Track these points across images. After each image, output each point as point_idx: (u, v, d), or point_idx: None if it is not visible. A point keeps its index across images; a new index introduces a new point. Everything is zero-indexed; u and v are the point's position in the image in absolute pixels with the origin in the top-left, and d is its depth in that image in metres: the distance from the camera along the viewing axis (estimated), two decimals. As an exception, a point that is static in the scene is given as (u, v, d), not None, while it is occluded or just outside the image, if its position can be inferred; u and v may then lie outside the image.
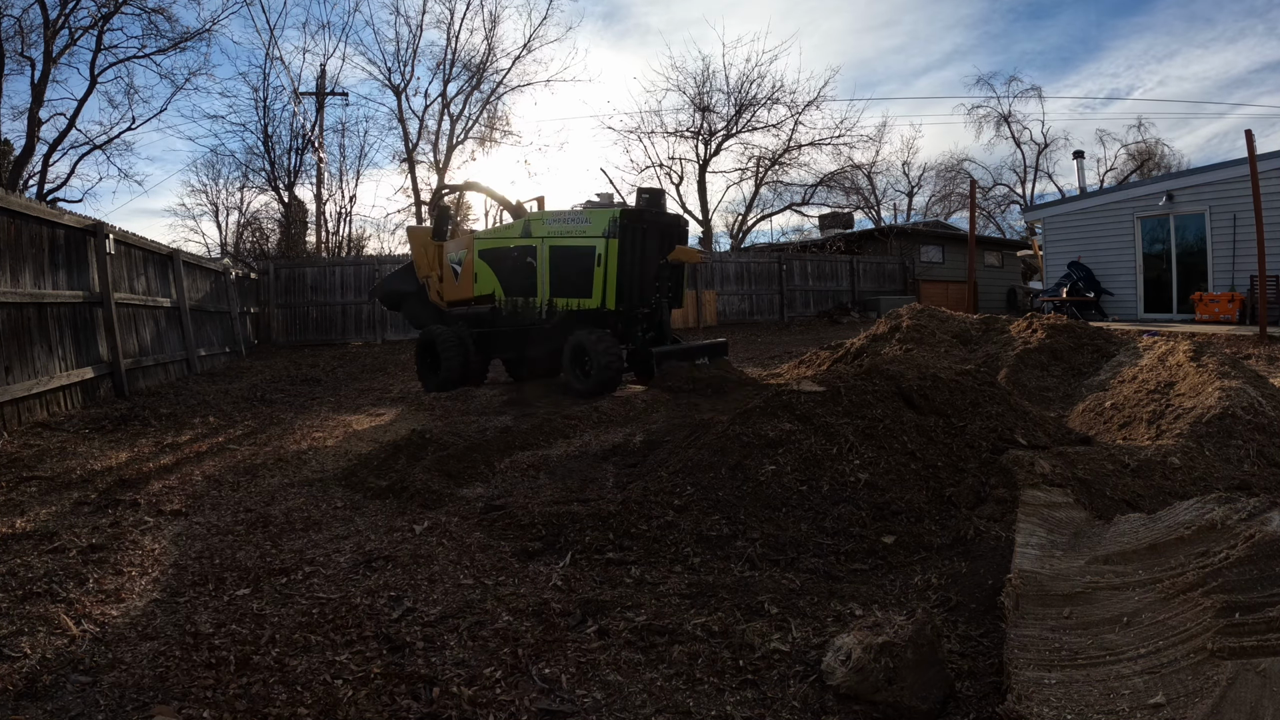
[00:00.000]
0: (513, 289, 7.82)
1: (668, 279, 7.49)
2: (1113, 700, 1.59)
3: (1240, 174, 12.33)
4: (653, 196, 7.44)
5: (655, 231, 7.22)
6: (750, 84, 26.45)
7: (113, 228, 7.61)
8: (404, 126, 24.32)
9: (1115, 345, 6.52)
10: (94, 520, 3.43)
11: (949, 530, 2.88)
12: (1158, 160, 33.51)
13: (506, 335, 8.02)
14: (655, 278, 7.30)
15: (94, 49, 20.03)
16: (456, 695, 1.88)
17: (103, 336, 7.17)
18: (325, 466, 4.60)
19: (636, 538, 2.91)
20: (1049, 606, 1.99)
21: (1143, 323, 13.65)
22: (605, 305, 7.04)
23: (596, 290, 7.05)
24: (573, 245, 7.30)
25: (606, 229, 7.00)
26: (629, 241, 7.00)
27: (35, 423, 5.68)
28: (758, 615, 2.29)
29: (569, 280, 7.35)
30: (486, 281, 8.01)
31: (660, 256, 7.23)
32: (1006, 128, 34.33)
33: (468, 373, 7.87)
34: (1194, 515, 2.16)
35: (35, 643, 2.17)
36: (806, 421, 3.47)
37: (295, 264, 16.99)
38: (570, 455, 4.57)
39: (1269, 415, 3.87)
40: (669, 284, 7.55)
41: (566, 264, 7.36)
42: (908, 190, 36.58)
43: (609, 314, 7.25)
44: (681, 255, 7.41)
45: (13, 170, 18.53)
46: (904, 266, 22.51)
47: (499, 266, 7.95)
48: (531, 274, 7.58)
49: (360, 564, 2.83)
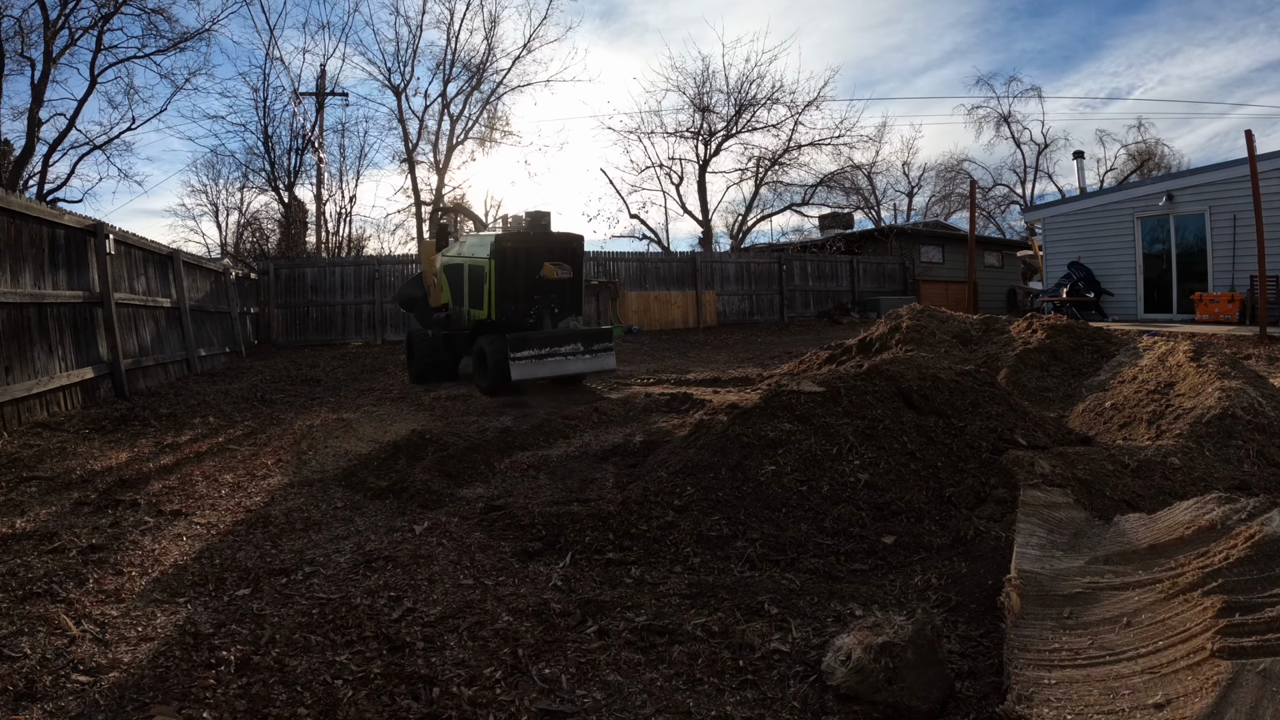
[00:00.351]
0: (454, 299, 8.94)
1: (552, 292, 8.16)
2: (1113, 700, 1.59)
3: (1240, 174, 12.33)
4: (533, 219, 8.37)
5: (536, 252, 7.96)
6: (750, 84, 26.45)
7: (113, 228, 7.61)
8: (404, 127, 24.32)
9: (1115, 345, 6.52)
10: (94, 520, 3.43)
11: (949, 530, 2.89)
12: (1158, 160, 33.53)
13: (457, 339, 9.05)
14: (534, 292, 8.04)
15: (94, 49, 20.03)
16: (456, 695, 1.88)
17: (103, 337, 7.17)
18: (325, 466, 4.60)
19: (636, 538, 2.92)
20: (1049, 606, 1.99)
21: (1143, 323, 13.65)
22: (491, 316, 7.91)
23: (486, 303, 7.92)
24: (475, 264, 8.24)
25: (490, 251, 7.87)
26: (506, 261, 7.84)
27: (35, 423, 5.68)
28: (758, 615, 2.29)
29: (474, 294, 8.33)
30: (445, 292, 9.18)
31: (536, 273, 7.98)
32: (1006, 128, 34.36)
33: (436, 368, 9.11)
34: (1194, 515, 2.16)
35: (35, 643, 2.17)
36: (806, 422, 3.47)
37: (295, 264, 16.99)
38: (570, 455, 4.57)
39: (1269, 415, 3.87)
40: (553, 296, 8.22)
41: (473, 280, 8.35)
42: (908, 190, 36.59)
43: (498, 323, 8.06)
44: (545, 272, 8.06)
45: (13, 170, 18.53)
46: (904, 267, 22.51)
47: (450, 279, 9.07)
48: (460, 287, 8.67)
49: (360, 564, 2.83)
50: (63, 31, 19.20)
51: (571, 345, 7.61)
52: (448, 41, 25.23)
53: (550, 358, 7.40)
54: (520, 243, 8.02)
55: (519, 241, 8.02)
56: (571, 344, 7.62)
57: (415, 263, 17.21)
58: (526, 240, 8.07)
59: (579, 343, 7.68)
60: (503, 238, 7.96)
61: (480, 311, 8.09)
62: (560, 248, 8.24)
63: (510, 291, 7.91)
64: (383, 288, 16.36)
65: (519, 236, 8.14)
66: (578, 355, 7.58)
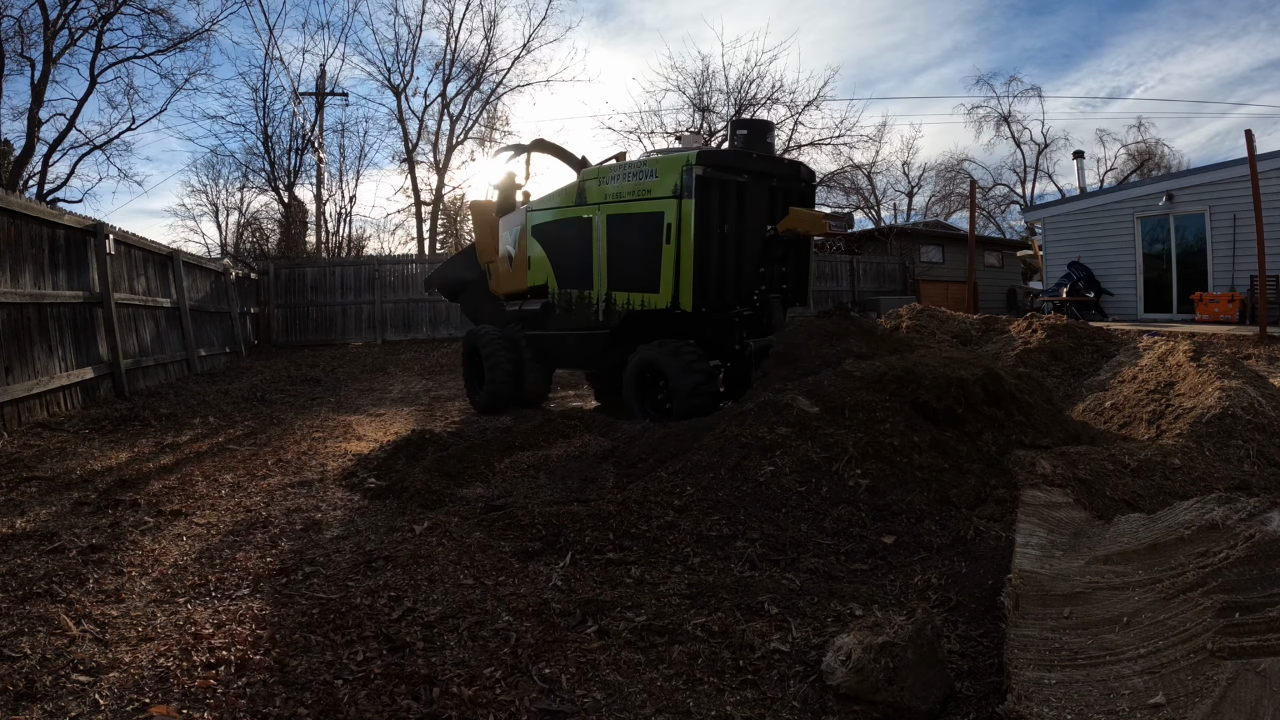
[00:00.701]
0: (568, 278, 5.72)
1: (779, 261, 5.15)
2: (1113, 700, 1.59)
3: (1240, 174, 12.33)
4: (752, 131, 5.24)
5: (759, 188, 4.97)
6: (750, 84, 26.34)
7: (113, 228, 7.61)
8: (404, 127, 24.33)
9: (1115, 345, 6.52)
10: (94, 520, 3.43)
11: (949, 530, 2.89)
12: (1158, 160, 33.51)
13: (566, 341, 5.89)
14: (761, 260, 5.08)
15: (94, 49, 20.03)
16: (456, 695, 1.88)
17: (103, 337, 7.17)
18: (325, 466, 4.60)
19: (636, 538, 2.91)
20: (1049, 606, 1.99)
21: (1143, 323, 13.65)
22: (678, 304, 4.84)
23: (666, 280, 4.85)
24: (634, 212, 5.06)
25: (677, 185, 4.73)
26: (714, 204, 4.78)
27: (35, 423, 5.68)
28: (758, 615, 2.29)
29: (630, 265, 5.16)
30: (540, 268, 5.95)
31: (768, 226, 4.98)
32: (1006, 128, 34.32)
33: (520, 387, 6.11)
34: (1194, 515, 2.16)
35: (35, 643, 2.17)
36: (803, 426, 3.46)
37: (295, 264, 16.99)
38: (570, 455, 4.57)
39: (1269, 415, 3.87)
40: (781, 269, 5.18)
41: (628, 241, 5.18)
42: (908, 190, 36.57)
43: (688, 317, 5.01)
44: (797, 223, 4.89)
45: (13, 170, 18.52)
46: (904, 266, 22.50)
47: (553, 247, 5.88)
48: (588, 256, 5.47)
49: (360, 564, 2.83)
50: (63, 31, 19.21)
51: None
52: (447, 41, 25.24)
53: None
54: (738, 171, 4.86)
55: (738, 169, 4.86)
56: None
57: (415, 263, 17.21)
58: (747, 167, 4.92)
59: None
60: (710, 157, 4.78)
61: (656, 296, 4.95)
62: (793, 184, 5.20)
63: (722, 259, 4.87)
64: (383, 288, 16.35)
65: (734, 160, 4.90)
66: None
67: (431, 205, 25.02)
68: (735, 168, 4.95)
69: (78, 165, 21.86)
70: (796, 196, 5.37)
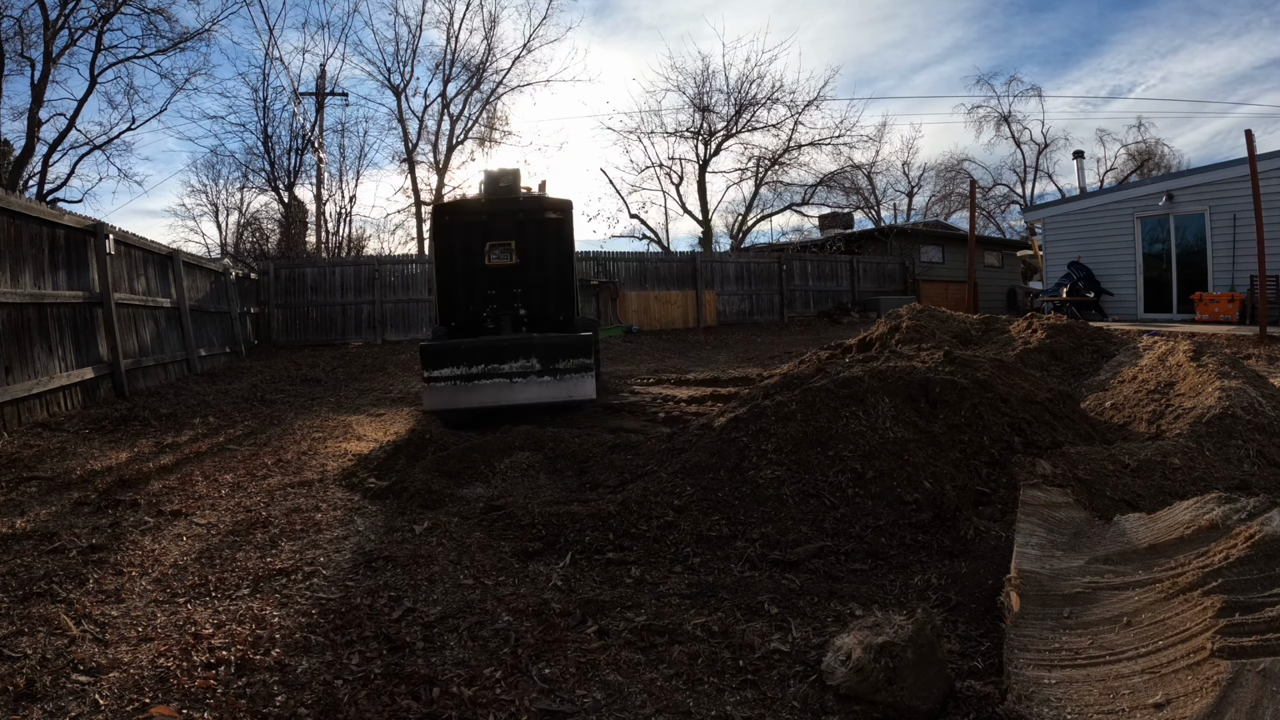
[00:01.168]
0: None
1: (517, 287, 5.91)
2: (1113, 700, 1.59)
3: (1240, 174, 12.33)
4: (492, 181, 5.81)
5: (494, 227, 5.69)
6: (750, 84, 26.46)
7: (112, 228, 7.61)
8: (404, 127, 24.35)
9: (1115, 345, 6.52)
10: (94, 520, 3.43)
11: (949, 530, 2.88)
12: (1158, 160, 33.52)
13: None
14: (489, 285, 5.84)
15: (94, 49, 20.05)
16: (456, 695, 1.88)
17: (103, 337, 7.17)
18: (325, 466, 4.60)
19: (636, 538, 2.92)
20: (1049, 606, 1.99)
21: (1143, 323, 13.65)
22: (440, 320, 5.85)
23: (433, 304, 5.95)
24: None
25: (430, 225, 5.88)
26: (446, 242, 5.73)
27: (35, 423, 5.68)
28: (758, 615, 2.29)
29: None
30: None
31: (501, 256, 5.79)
32: (1006, 128, 34.33)
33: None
34: (1194, 515, 2.16)
35: (35, 643, 2.17)
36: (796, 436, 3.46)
37: (295, 264, 16.99)
38: (570, 455, 4.56)
39: (1269, 415, 3.87)
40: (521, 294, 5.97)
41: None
42: (908, 190, 36.57)
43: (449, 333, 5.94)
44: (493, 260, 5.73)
45: (13, 170, 18.53)
46: (904, 266, 22.51)
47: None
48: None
49: (360, 564, 2.83)
50: (63, 31, 19.22)
51: (521, 361, 5.06)
52: (447, 41, 25.25)
53: (484, 381, 4.98)
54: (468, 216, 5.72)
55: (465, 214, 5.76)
56: (521, 359, 5.06)
57: (416, 263, 17.23)
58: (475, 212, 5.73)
59: (534, 358, 5.08)
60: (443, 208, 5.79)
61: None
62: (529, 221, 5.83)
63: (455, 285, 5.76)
64: (383, 288, 16.36)
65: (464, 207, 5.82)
66: (531, 378, 5.06)
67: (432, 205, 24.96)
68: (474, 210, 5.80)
69: (78, 165, 21.92)
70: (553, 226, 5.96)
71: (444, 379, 4.88)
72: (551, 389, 5.13)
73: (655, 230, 27.42)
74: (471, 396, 4.98)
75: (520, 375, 5.05)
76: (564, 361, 5.11)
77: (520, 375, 5.05)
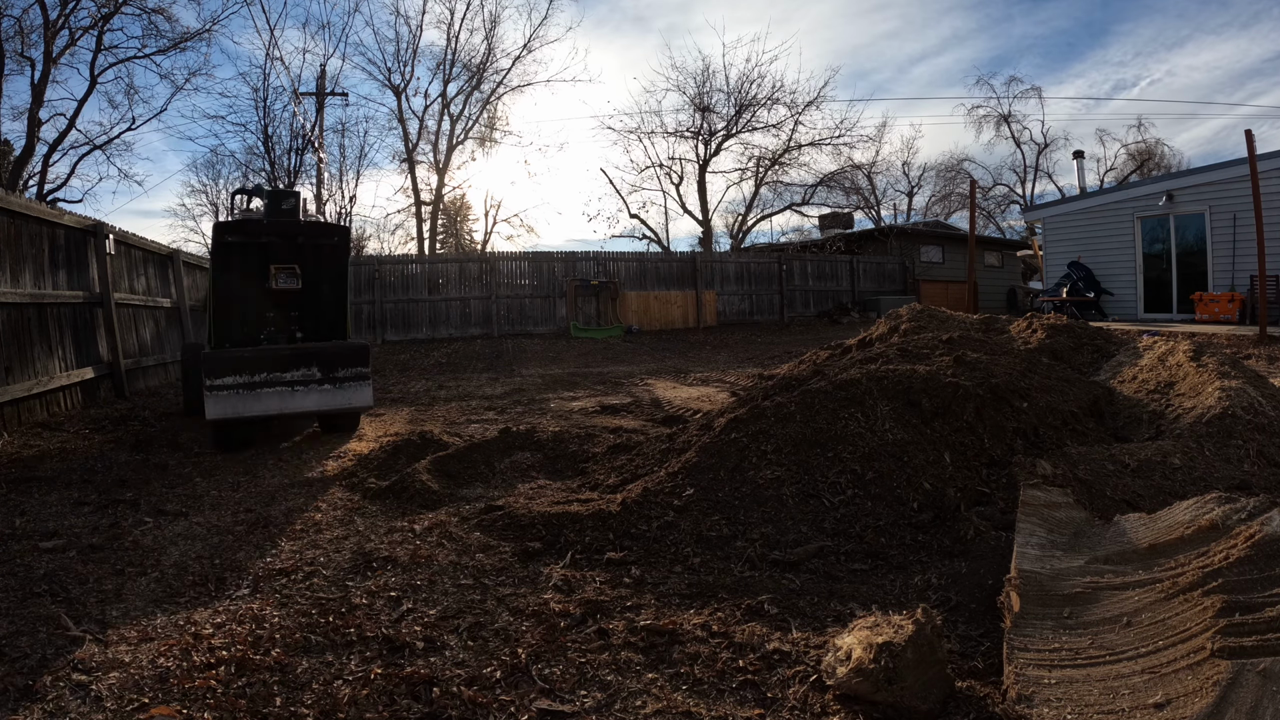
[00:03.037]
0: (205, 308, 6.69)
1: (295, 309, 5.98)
2: (1113, 700, 1.59)
3: (1240, 174, 12.33)
4: (274, 201, 5.92)
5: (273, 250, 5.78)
6: (750, 84, 26.47)
7: (112, 228, 7.61)
8: (404, 127, 24.38)
9: (1115, 345, 6.51)
10: (94, 520, 3.43)
11: (949, 530, 2.88)
12: (1158, 160, 33.55)
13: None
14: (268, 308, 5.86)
15: (94, 49, 20.07)
16: (456, 695, 1.88)
17: (103, 337, 7.17)
18: (325, 466, 4.60)
19: (636, 538, 2.91)
20: (1049, 606, 1.99)
21: (1143, 323, 13.65)
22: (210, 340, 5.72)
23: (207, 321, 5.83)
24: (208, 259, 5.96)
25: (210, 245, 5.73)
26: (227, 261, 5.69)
27: (35, 423, 5.68)
28: (758, 615, 2.29)
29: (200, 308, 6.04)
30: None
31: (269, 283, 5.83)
32: (1006, 128, 34.37)
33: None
34: (1194, 515, 2.16)
35: (35, 643, 2.17)
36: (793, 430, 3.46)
37: (295, 264, 16.96)
38: (571, 455, 4.56)
39: (1269, 415, 3.86)
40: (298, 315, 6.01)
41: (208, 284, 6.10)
42: (908, 190, 36.62)
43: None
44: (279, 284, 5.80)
45: (13, 170, 18.53)
46: (904, 266, 22.51)
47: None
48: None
49: (360, 564, 2.83)
50: (63, 31, 19.23)
51: (303, 370, 5.16)
52: (448, 41, 25.29)
53: (268, 389, 5.01)
54: (249, 235, 5.78)
55: (246, 233, 5.79)
56: (303, 368, 5.16)
57: (415, 262, 17.23)
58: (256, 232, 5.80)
59: (314, 367, 5.19)
60: (224, 226, 5.76)
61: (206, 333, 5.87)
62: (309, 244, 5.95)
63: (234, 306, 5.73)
64: (383, 288, 16.37)
65: (246, 226, 5.85)
66: (312, 386, 5.16)
67: (431, 205, 25.06)
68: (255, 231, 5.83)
69: (78, 165, 21.96)
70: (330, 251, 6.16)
71: (227, 387, 4.94)
72: (331, 397, 5.29)
73: (655, 230, 27.47)
74: (254, 405, 5.04)
75: (302, 384, 5.19)
76: (343, 370, 5.31)
77: (302, 384, 5.19)
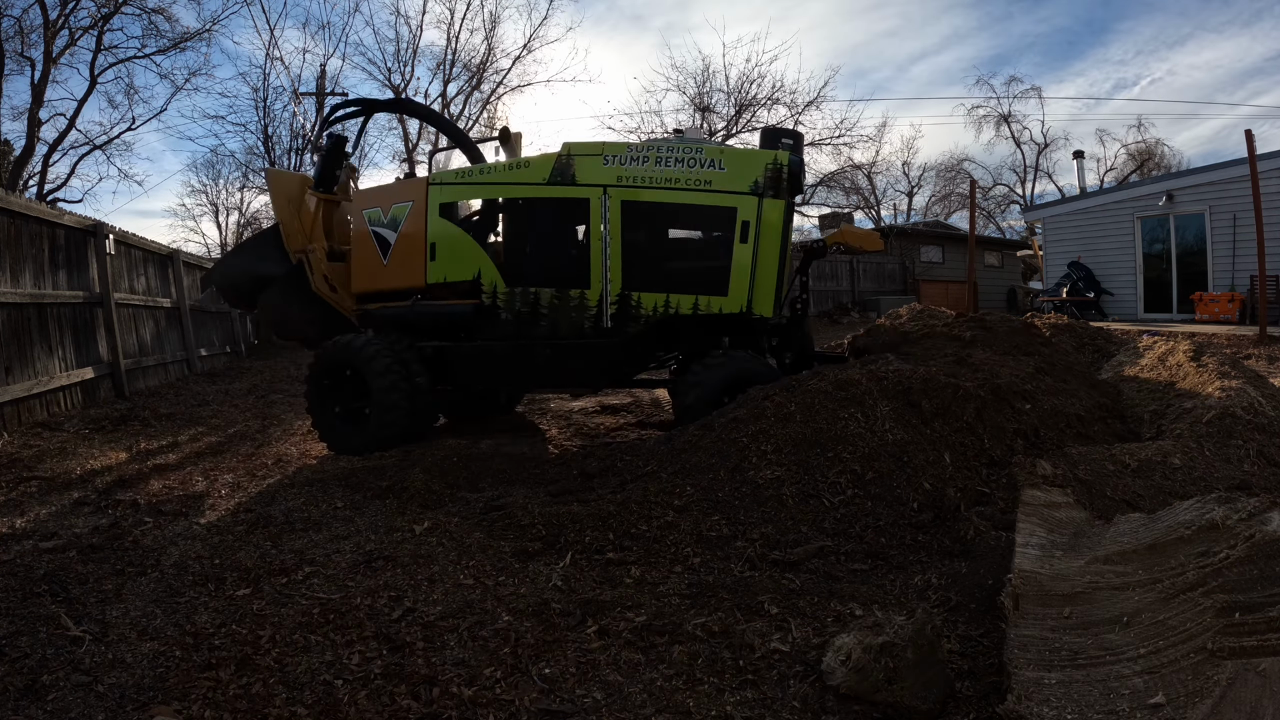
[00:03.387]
0: (528, 273, 4.85)
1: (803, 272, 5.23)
2: (1113, 700, 1.59)
3: (1240, 174, 12.32)
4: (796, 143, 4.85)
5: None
6: (750, 84, 26.37)
7: (112, 228, 7.61)
8: (404, 126, 24.34)
9: (1115, 345, 6.51)
10: (94, 520, 3.43)
11: (949, 530, 2.89)
12: (1158, 160, 33.51)
13: (529, 355, 4.83)
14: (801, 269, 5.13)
15: (94, 49, 20.03)
16: (456, 695, 1.88)
17: (103, 337, 7.17)
18: (325, 466, 4.60)
19: (636, 538, 2.91)
20: (1049, 606, 1.99)
21: (1143, 323, 13.65)
22: (751, 309, 4.49)
23: (738, 283, 4.48)
24: (682, 203, 4.57)
25: (758, 182, 4.44)
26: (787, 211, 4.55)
27: (35, 423, 5.68)
28: (758, 615, 2.29)
29: (676, 263, 4.75)
30: (460, 259, 4.92)
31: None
32: (1006, 128, 34.34)
33: (418, 420, 5.01)
34: (1194, 515, 2.15)
35: (35, 643, 2.17)
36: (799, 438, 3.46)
37: (295, 264, 16.95)
38: (571, 455, 4.56)
39: (1269, 415, 3.86)
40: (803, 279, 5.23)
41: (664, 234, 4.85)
42: (908, 190, 36.59)
43: (753, 323, 4.65)
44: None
45: (13, 170, 18.53)
46: (904, 266, 22.51)
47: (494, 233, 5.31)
48: (579, 249, 4.78)
49: (360, 564, 2.83)
50: (63, 31, 19.21)
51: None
52: (448, 42, 25.25)
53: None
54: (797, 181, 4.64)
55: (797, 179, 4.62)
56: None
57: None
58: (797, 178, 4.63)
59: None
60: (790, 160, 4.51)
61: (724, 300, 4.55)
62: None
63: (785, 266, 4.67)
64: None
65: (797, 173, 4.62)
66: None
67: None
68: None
69: (78, 165, 21.91)
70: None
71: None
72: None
73: (655, 230, 27.39)
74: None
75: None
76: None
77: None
